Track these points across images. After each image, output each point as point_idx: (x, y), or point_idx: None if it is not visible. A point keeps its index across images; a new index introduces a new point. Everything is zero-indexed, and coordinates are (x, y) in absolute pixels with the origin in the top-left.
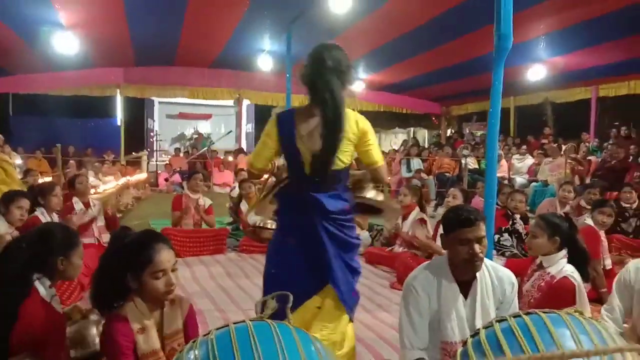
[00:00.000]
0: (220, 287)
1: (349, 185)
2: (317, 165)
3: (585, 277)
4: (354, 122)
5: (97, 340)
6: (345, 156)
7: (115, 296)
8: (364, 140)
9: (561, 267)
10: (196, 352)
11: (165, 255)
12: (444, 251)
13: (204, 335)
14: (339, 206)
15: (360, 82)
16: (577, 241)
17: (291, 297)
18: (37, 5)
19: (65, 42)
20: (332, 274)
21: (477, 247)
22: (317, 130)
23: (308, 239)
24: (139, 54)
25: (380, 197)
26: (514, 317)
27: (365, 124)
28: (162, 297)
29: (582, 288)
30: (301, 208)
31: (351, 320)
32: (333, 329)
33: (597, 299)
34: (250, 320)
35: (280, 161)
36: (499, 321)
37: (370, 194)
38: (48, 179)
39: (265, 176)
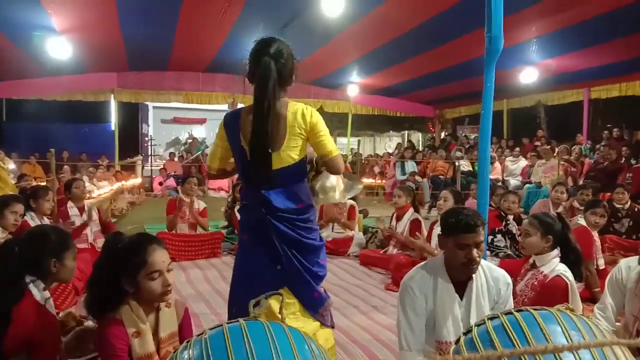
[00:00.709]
0: (216, 290)
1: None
2: (256, 158)
3: (578, 277)
4: (300, 115)
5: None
6: (294, 152)
7: (110, 301)
8: (315, 132)
9: (554, 266)
10: (190, 352)
11: (159, 256)
12: (438, 252)
13: (198, 335)
14: (289, 204)
15: (354, 86)
16: (570, 240)
17: (284, 299)
18: (29, 10)
19: (59, 47)
20: (284, 275)
21: (475, 252)
22: None
23: (261, 238)
24: (133, 58)
25: (340, 183)
26: (506, 314)
27: (314, 116)
28: (159, 298)
29: (574, 287)
30: (254, 206)
31: (325, 325)
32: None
33: (591, 299)
34: (244, 320)
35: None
36: (491, 318)
37: (329, 182)
38: (42, 184)
39: None
